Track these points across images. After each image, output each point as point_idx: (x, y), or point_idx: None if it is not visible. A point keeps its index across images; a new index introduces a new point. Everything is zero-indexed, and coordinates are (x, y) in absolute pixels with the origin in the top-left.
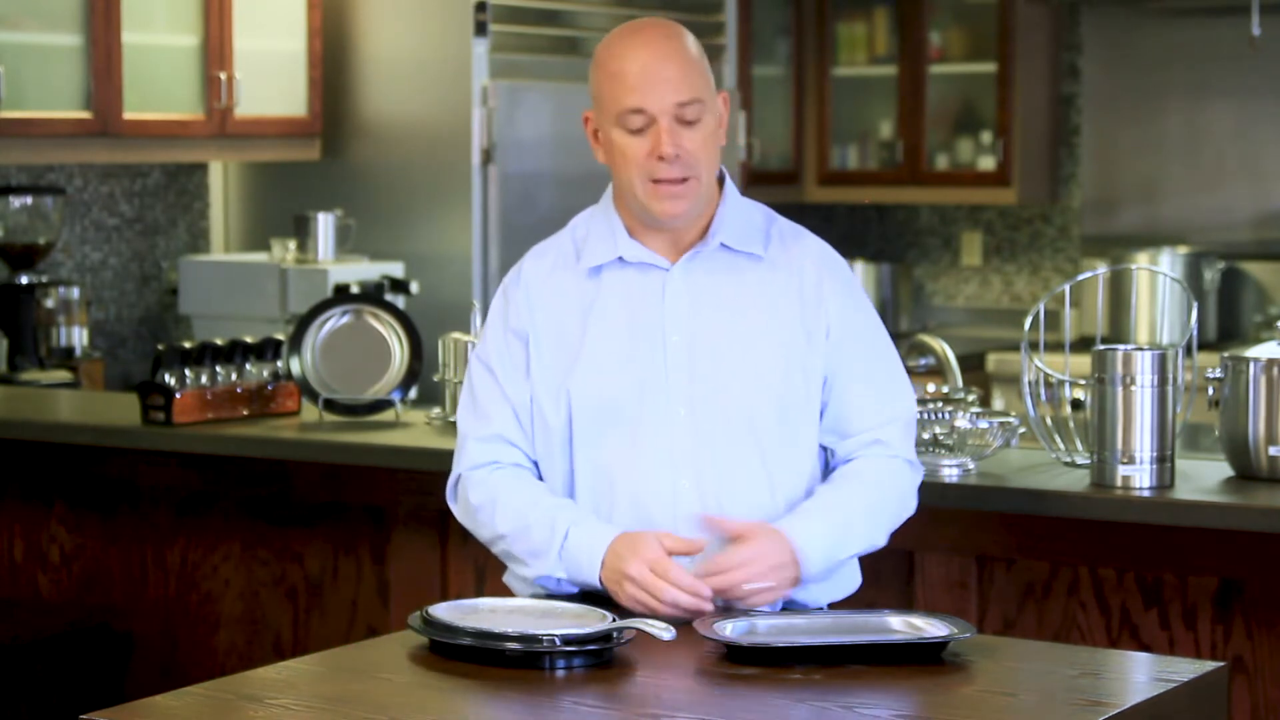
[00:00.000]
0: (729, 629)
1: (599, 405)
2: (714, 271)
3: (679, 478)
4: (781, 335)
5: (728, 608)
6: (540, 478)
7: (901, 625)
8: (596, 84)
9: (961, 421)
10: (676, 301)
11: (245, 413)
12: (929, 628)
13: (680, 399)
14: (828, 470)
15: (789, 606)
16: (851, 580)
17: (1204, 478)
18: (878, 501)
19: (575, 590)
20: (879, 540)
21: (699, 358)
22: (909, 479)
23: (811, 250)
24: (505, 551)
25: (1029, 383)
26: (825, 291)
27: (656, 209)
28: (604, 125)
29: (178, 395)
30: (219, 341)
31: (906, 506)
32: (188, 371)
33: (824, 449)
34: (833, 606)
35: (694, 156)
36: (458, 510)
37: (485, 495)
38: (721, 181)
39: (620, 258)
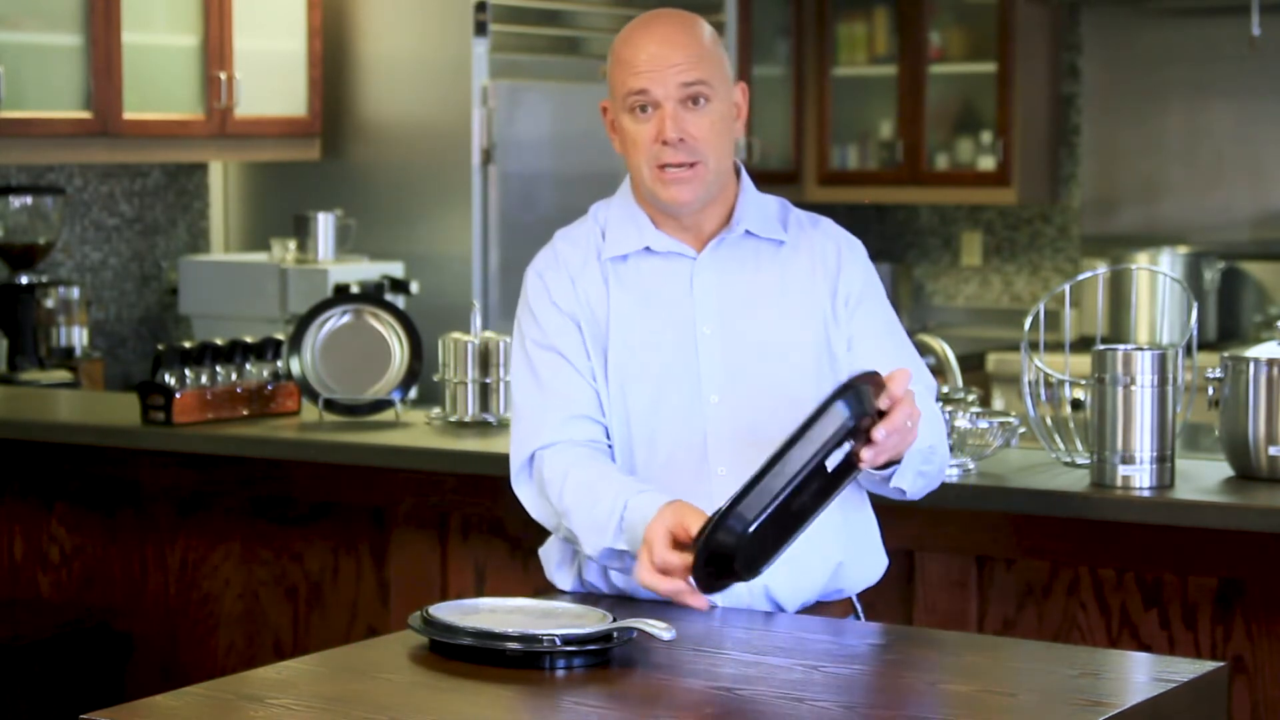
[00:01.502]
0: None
1: (633, 395)
2: (740, 259)
3: (715, 464)
4: (811, 317)
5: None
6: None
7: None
8: (610, 72)
9: (961, 421)
10: (706, 291)
11: (245, 413)
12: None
13: (714, 386)
14: None
15: (821, 602)
16: (880, 562)
17: (1204, 478)
18: (937, 415)
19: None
20: (944, 453)
21: (731, 346)
22: (942, 426)
23: (830, 233)
24: (569, 530)
25: (1029, 383)
26: (845, 265)
27: (663, 195)
28: (617, 114)
29: (178, 395)
30: (219, 341)
31: (946, 448)
32: (188, 371)
33: None
34: (861, 597)
35: (699, 141)
36: (528, 492)
37: (559, 469)
38: (738, 173)
39: (647, 248)
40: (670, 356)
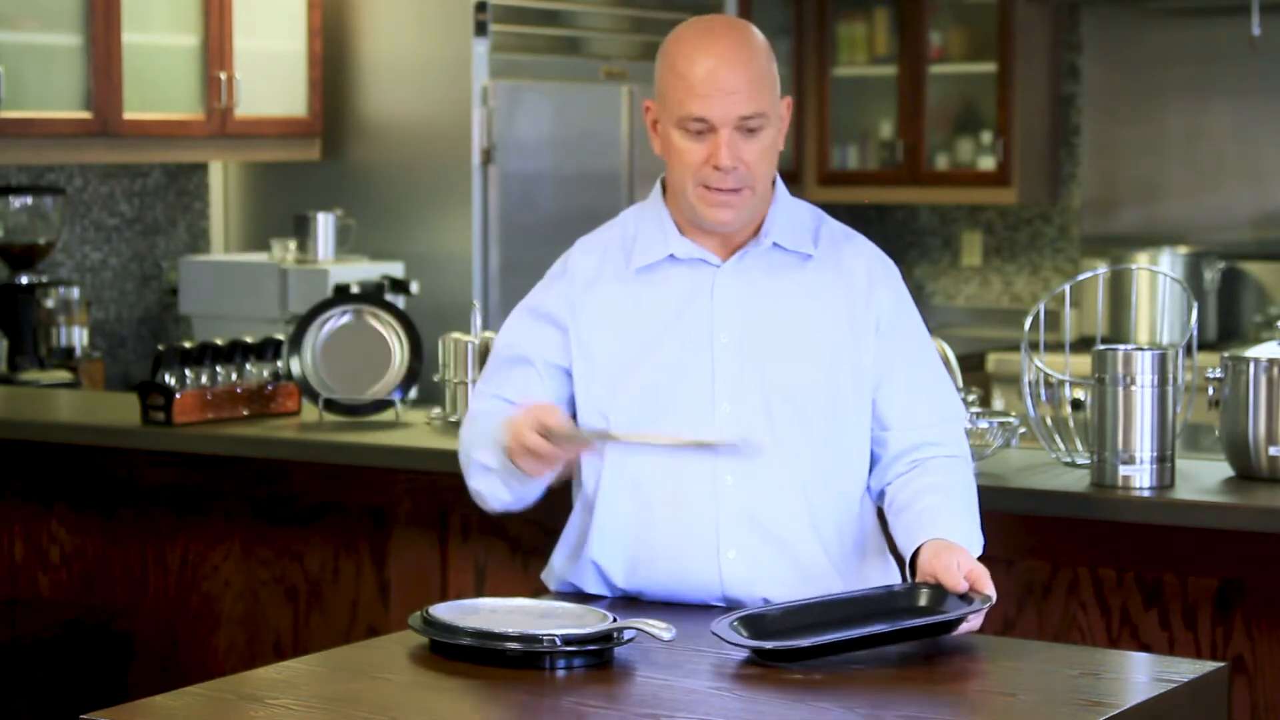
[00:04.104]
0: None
1: (644, 403)
2: (765, 270)
3: (724, 474)
4: (831, 334)
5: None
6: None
7: (920, 601)
8: (662, 79)
9: None
10: (726, 300)
11: (245, 413)
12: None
13: (726, 395)
14: (872, 469)
15: None
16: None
17: (1204, 478)
18: (971, 492)
19: (510, 500)
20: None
21: (747, 356)
22: (972, 476)
23: (862, 250)
24: (466, 461)
25: (1029, 383)
26: (875, 287)
27: (705, 214)
28: (664, 122)
29: (178, 395)
30: (219, 341)
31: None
32: (188, 371)
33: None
34: None
35: (751, 168)
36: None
37: (468, 419)
38: (772, 182)
39: (671, 255)
40: (684, 362)
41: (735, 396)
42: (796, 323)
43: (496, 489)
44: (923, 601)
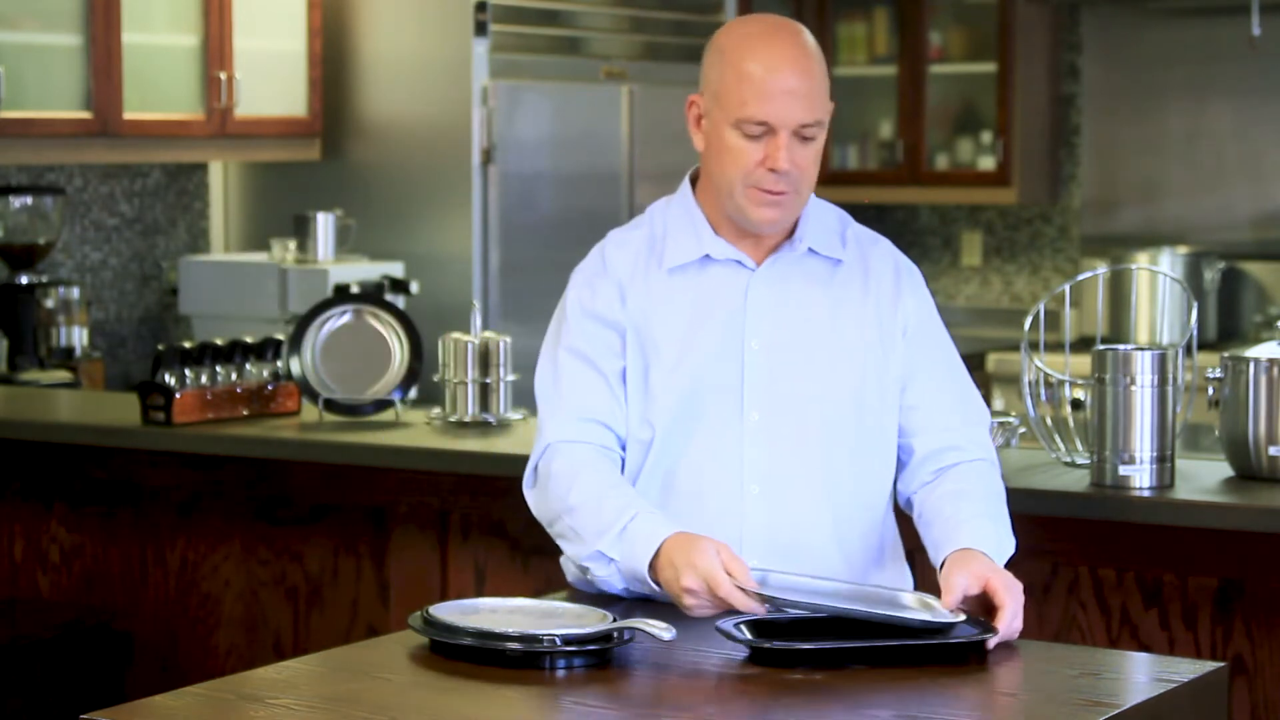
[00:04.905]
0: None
1: (678, 409)
2: (797, 275)
3: (749, 483)
4: (860, 342)
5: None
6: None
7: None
8: (720, 77)
9: None
10: (759, 304)
11: (245, 413)
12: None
13: (755, 403)
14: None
15: None
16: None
17: (1204, 478)
18: (996, 494)
19: (620, 588)
20: (1002, 493)
21: (778, 363)
22: (999, 478)
23: (887, 254)
24: (569, 527)
25: (1029, 383)
26: (903, 293)
27: (754, 214)
28: (716, 120)
29: (178, 395)
30: (219, 341)
31: (1003, 491)
32: (188, 371)
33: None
34: None
35: (803, 172)
36: (533, 492)
37: (569, 466)
38: None
39: (706, 255)
40: (715, 368)
41: (764, 405)
42: (828, 331)
43: (612, 578)
44: (937, 629)
